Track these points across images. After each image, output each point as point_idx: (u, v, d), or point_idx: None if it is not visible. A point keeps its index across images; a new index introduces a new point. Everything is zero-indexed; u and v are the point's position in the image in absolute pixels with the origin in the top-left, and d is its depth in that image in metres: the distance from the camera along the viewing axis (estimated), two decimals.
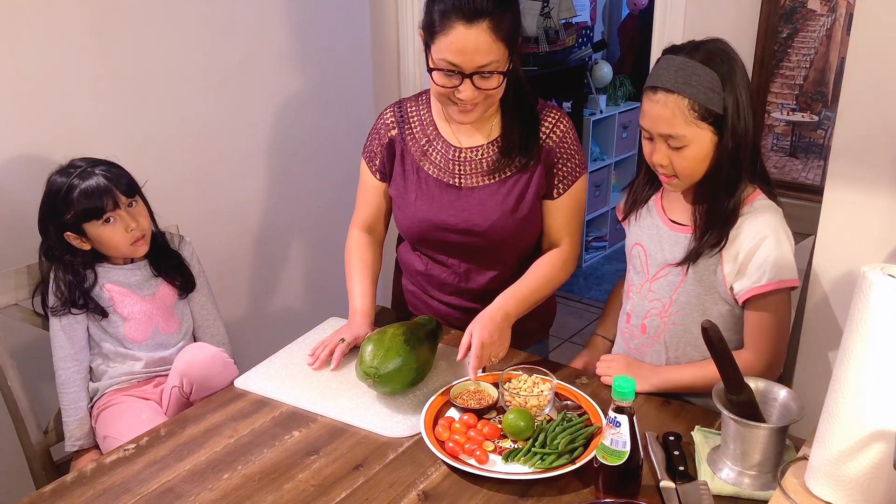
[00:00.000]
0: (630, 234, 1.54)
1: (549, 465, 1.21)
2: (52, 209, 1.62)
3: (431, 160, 1.60)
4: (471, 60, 1.40)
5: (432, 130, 1.61)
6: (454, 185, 1.59)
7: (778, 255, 1.32)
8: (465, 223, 1.58)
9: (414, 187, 1.61)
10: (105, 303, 1.67)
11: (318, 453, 1.30)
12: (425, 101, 1.65)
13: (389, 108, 1.67)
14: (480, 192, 1.58)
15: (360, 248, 1.70)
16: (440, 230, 1.60)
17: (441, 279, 1.68)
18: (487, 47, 1.39)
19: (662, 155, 1.34)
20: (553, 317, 1.82)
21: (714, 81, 1.28)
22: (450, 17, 1.39)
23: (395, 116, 1.64)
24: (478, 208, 1.57)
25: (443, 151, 1.60)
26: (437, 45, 1.42)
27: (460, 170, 1.59)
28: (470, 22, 1.38)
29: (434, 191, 1.59)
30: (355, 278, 1.67)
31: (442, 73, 1.44)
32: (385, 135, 1.64)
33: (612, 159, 4.30)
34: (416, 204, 1.60)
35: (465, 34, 1.38)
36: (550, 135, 1.57)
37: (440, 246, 1.63)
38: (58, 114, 1.94)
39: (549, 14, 3.88)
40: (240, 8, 2.31)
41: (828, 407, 0.98)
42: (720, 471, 1.19)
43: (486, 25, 1.38)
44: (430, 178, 1.60)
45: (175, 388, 1.55)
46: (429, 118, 1.62)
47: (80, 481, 1.25)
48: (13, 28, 1.81)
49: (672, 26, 2.11)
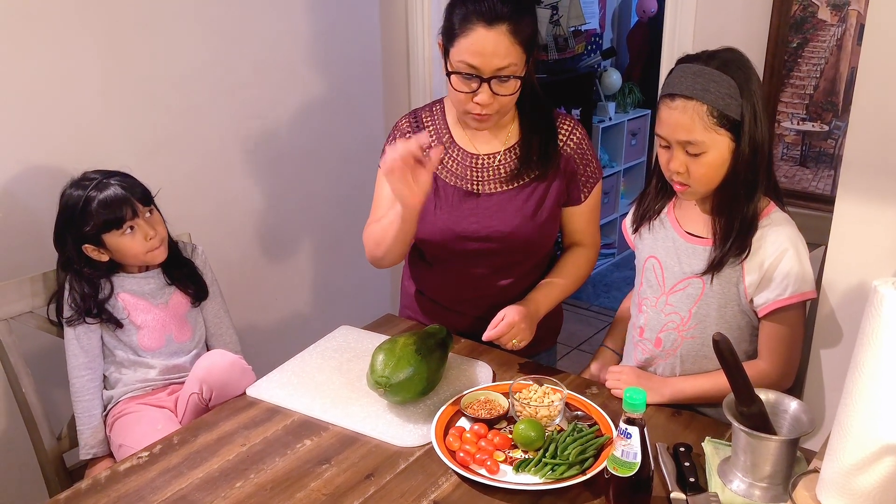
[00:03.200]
0: (643, 247, 1.54)
1: (559, 475, 1.22)
2: (69, 222, 1.64)
3: (448, 168, 1.61)
4: (489, 63, 1.42)
5: (448, 138, 1.62)
6: (472, 192, 1.60)
7: (799, 268, 1.34)
8: (485, 230, 1.58)
9: (432, 196, 1.60)
10: (119, 313, 1.69)
11: (330, 462, 1.31)
12: (440, 110, 1.66)
13: (404, 117, 1.67)
14: (499, 197, 1.59)
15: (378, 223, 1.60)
16: (461, 238, 1.60)
17: (457, 288, 1.68)
18: (506, 50, 1.42)
19: (680, 162, 1.34)
20: (561, 323, 1.83)
21: (732, 88, 1.29)
22: (470, 20, 1.42)
23: (411, 125, 1.65)
24: (498, 214, 1.58)
25: (459, 159, 1.60)
26: (456, 48, 1.44)
27: (478, 176, 1.60)
28: (490, 24, 1.41)
29: (453, 199, 1.60)
30: (383, 220, 1.55)
31: (460, 76, 1.46)
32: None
33: (622, 166, 4.30)
34: (435, 213, 1.61)
35: (485, 36, 1.41)
36: (567, 142, 1.60)
37: (459, 254, 1.63)
38: (70, 122, 1.96)
39: (559, 21, 3.89)
40: (251, 17, 2.33)
41: (839, 420, 0.98)
42: (731, 482, 1.19)
43: (506, 29, 1.41)
44: (448, 186, 1.60)
45: (194, 395, 1.56)
46: (444, 126, 1.63)
47: (94, 489, 1.26)
48: (26, 37, 1.83)
49: (682, 34, 2.11)
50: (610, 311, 3.81)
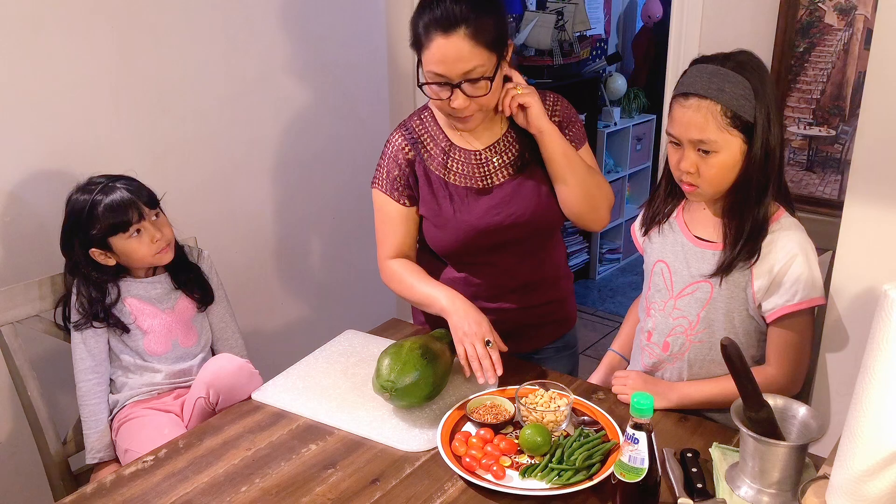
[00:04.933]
0: (651, 251, 1.53)
1: (566, 481, 1.21)
2: (76, 226, 1.64)
3: (455, 171, 1.61)
4: (453, 69, 1.44)
5: (446, 142, 1.62)
6: (485, 187, 1.60)
7: (809, 274, 1.33)
8: (509, 218, 1.59)
9: (448, 202, 1.60)
10: (126, 317, 1.69)
11: (336, 467, 1.30)
12: (429, 116, 1.65)
13: (396, 132, 1.65)
14: (510, 185, 1.60)
15: (405, 265, 1.63)
16: (486, 234, 1.59)
17: (480, 286, 1.66)
18: (469, 54, 1.43)
19: (690, 162, 1.34)
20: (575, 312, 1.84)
21: (746, 90, 1.29)
22: (429, 30, 1.44)
23: (406, 139, 1.63)
24: (516, 200, 1.59)
25: (463, 159, 1.61)
26: (424, 59, 1.47)
27: (485, 171, 1.60)
28: (447, 32, 1.42)
29: (468, 199, 1.60)
30: (420, 285, 1.58)
31: (433, 86, 1.48)
32: (403, 159, 1.62)
33: (627, 171, 4.29)
34: (456, 217, 1.60)
35: (445, 44, 1.42)
36: (553, 115, 1.61)
37: (485, 250, 1.62)
38: (78, 127, 1.96)
39: (564, 27, 3.89)
40: (257, 21, 2.34)
41: (849, 426, 0.97)
42: (739, 488, 1.18)
43: (464, 33, 1.42)
44: (460, 188, 1.60)
45: (201, 399, 1.56)
46: (438, 131, 1.63)
47: (99, 493, 1.26)
48: (34, 43, 1.84)
49: (688, 39, 2.11)
50: (615, 315, 3.80)
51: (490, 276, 1.65)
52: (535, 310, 1.69)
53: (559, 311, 1.75)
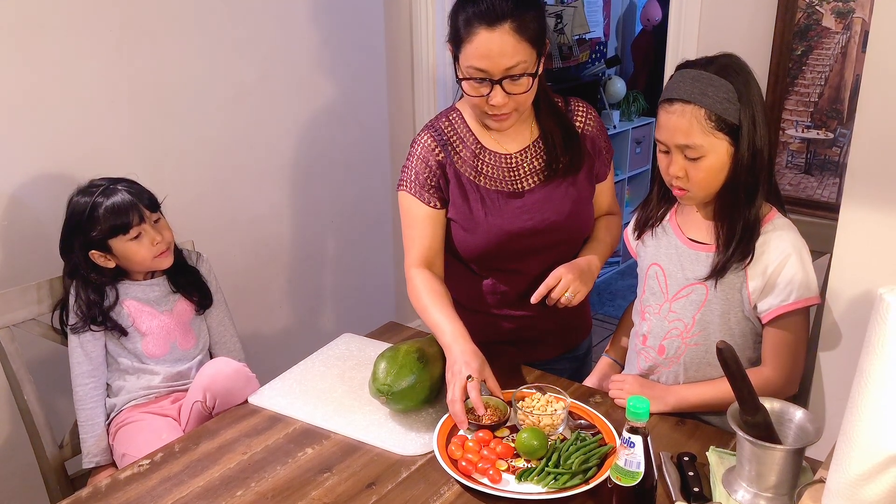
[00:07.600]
0: (645, 255, 1.53)
1: (562, 484, 1.21)
2: (77, 228, 1.64)
3: (486, 174, 1.58)
4: (497, 64, 1.41)
5: (476, 145, 1.59)
6: (517, 191, 1.58)
7: (803, 274, 1.34)
8: (542, 223, 1.57)
9: (479, 205, 1.57)
10: (124, 320, 1.69)
11: (332, 471, 1.30)
12: (458, 118, 1.61)
13: (424, 133, 1.60)
14: (542, 190, 1.59)
15: (427, 282, 1.55)
16: (517, 237, 1.57)
17: (506, 293, 1.64)
18: (512, 49, 1.41)
19: (679, 167, 1.34)
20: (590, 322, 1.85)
21: (730, 92, 1.29)
22: (472, 24, 1.41)
23: (436, 140, 1.58)
24: (548, 205, 1.58)
25: (494, 162, 1.59)
26: (463, 54, 1.44)
27: (516, 175, 1.58)
28: (492, 26, 1.39)
29: (500, 202, 1.58)
30: (433, 310, 1.50)
31: (471, 81, 1.45)
32: (433, 160, 1.57)
33: (626, 174, 4.29)
34: (488, 220, 1.57)
35: (489, 38, 1.40)
36: (587, 123, 1.63)
37: (514, 256, 1.60)
38: (77, 131, 1.97)
39: (563, 30, 3.90)
40: (257, 25, 2.35)
41: (845, 430, 0.97)
42: (735, 492, 1.18)
43: (509, 27, 1.40)
44: (491, 191, 1.58)
45: (197, 403, 1.56)
46: (468, 133, 1.60)
47: (95, 496, 1.25)
48: (34, 45, 1.85)
49: (686, 42, 2.11)
50: (614, 319, 3.79)
51: (516, 283, 1.63)
52: (558, 316, 1.65)
53: (580, 317, 1.76)
